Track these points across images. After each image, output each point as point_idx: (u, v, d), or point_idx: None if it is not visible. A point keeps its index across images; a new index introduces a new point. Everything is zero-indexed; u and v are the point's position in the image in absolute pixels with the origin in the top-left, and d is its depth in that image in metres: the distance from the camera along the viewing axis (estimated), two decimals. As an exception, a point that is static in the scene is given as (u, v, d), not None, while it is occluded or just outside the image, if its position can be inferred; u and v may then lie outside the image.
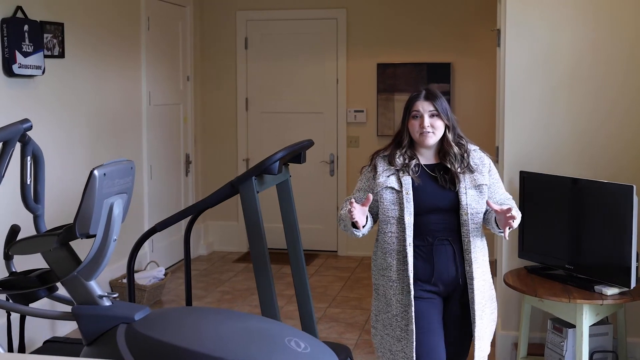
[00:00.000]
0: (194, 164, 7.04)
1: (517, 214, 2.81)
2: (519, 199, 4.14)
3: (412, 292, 2.87)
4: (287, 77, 7.12)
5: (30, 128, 2.45)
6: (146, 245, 6.18)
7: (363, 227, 2.85)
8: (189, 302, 4.10)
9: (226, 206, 4.56)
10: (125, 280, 5.58)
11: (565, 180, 3.98)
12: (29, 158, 2.62)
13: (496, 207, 2.83)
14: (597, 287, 3.71)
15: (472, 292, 2.91)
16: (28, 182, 2.63)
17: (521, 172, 4.16)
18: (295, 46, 7.08)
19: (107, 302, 2.41)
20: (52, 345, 4.26)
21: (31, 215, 2.74)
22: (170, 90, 6.61)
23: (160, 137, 6.39)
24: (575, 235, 3.95)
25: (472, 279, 2.91)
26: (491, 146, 4.93)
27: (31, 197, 2.66)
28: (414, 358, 2.87)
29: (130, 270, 3.68)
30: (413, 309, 2.87)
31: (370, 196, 2.79)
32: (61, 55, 4.88)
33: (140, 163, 6.07)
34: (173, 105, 6.67)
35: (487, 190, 2.93)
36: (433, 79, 6.78)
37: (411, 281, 2.87)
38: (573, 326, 3.81)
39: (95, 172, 2.27)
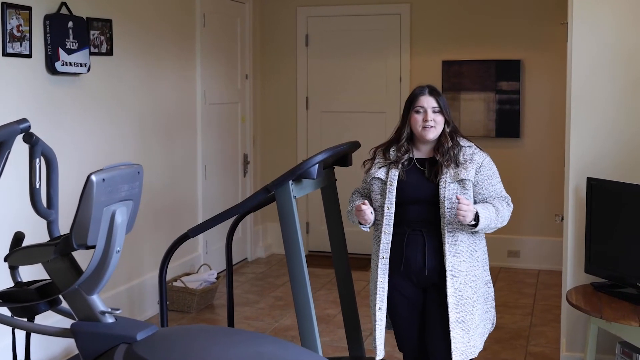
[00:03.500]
0: (252, 164, 6.87)
1: (464, 209, 2.82)
2: (586, 208, 3.78)
3: (380, 275, 3.06)
4: (349, 75, 6.86)
5: (28, 128, 2.26)
6: (200, 247, 6.04)
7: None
8: (230, 320, 3.90)
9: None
10: (175, 284, 5.45)
11: (638, 188, 3.60)
12: (37, 160, 2.43)
13: (460, 197, 2.89)
14: (672, 309, 3.33)
15: (446, 282, 2.98)
16: (37, 186, 2.44)
17: (588, 179, 3.79)
18: (357, 43, 6.80)
19: (109, 319, 2.21)
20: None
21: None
22: (228, 88, 6.44)
23: (217, 137, 6.23)
24: (649, 250, 3.56)
25: (450, 270, 2.97)
26: (561, 150, 4.56)
27: (41, 202, 2.48)
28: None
29: (162, 278, 3.48)
30: (385, 290, 3.07)
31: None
32: (109, 52, 4.75)
33: (195, 163, 5.93)
34: (230, 104, 6.51)
35: (471, 185, 2.98)
36: (502, 77, 6.38)
37: (380, 266, 3.05)
38: (644, 352, 3.44)
39: (93, 177, 2.05)
